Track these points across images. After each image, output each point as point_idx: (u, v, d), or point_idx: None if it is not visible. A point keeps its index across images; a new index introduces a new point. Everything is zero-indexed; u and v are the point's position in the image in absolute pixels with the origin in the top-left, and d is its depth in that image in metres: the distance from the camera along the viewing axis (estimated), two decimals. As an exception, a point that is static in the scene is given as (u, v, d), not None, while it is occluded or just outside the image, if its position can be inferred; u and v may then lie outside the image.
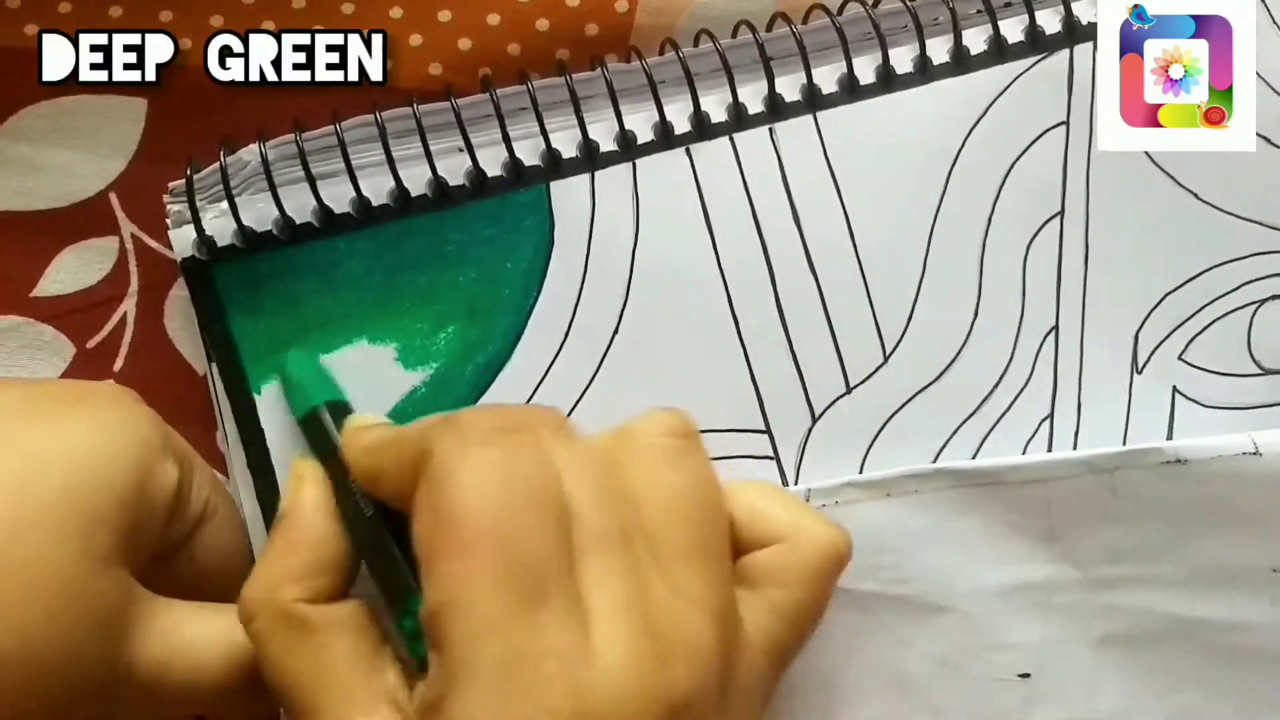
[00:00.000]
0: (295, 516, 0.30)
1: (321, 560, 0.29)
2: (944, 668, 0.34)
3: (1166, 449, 0.32)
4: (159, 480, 0.30)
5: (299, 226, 0.34)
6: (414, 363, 0.34)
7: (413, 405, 0.34)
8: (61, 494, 0.28)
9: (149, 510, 0.30)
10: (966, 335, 0.34)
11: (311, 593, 0.29)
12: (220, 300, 0.34)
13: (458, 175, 0.34)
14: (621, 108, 0.34)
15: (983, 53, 0.34)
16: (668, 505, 0.27)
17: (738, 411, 0.34)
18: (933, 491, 0.33)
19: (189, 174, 0.34)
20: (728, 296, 0.34)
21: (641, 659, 0.25)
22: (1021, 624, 0.34)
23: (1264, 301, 0.35)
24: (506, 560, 0.25)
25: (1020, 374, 0.35)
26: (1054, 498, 0.33)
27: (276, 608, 0.28)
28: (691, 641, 0.26)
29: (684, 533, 0.27)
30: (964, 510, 0.33)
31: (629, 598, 0.25)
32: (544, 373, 0.34)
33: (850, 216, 0.34)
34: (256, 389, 0.34)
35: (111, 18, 0.36)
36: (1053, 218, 0.34)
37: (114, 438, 0.30)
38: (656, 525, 0.27)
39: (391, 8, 0.36)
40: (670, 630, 0.25)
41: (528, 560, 0.25)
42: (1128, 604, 0.34)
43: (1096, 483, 0.33)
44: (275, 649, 0.28)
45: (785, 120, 0.34)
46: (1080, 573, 0.34)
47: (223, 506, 0.34)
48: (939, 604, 0.30)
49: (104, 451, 0.29)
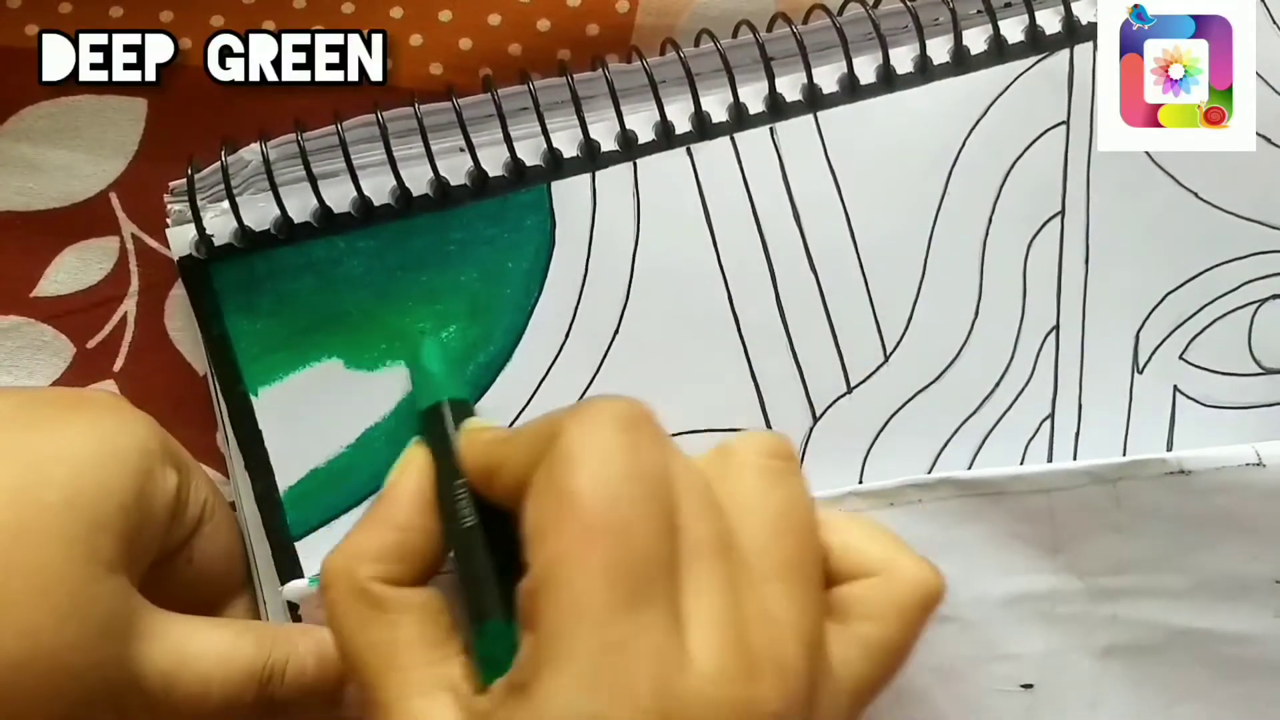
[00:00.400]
0: (391, 498, 0.30)
1: (404, 546, 0.29)
2: (946, 677, 0.34)
3: (1170, 460, 0.32)
4: (159, 485, 0.30)
5: (299, 226, 0.34)
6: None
7: (412, 406, 0.34)
8: (65, 499, 0.28)
9: (150, 515, 0.30)
10: (967, 335, 0.34)
11: (389, 574, 0.28)
12: (217, 300, 0.34)
13: (459, 175, 0.34)
14: (622, 108, 0.34)
15: (983, 53, 0.34)
16: (764, 525, 0.27)
17: (738, 411, 0.34)
18: (936, 501, 0.33)
19: (190, 173, 0.34)
20: (728, 296, 0.34)
21: (733, 672, 0.24)
22: (1024, 634, 0.34)
23: (1265, 301, 0.35)
24: (620, 551, 0.24)
25: (1021, 374, 0.35)
26: (1057, 508, 0.33)
27: (353, 581, 0.28)
28: (783, 662, 0.25)
29: (778, 554, 0.27)
30: (967, 520, 0.33)
31: (726, 610, 0.25)
32: (545, 372, 0.34)
33: (851, 216, 0.34)
34: (254, 390, 0.34)
35: (111, 18, 0.36)
36: (1053, 217, 0.34)
37: (114, 443, 0.30)
38: (752, 544, 0.27)
39: (392, 8, 0.36)
40: (763, 648, 0.25)
41: (639, 555, 0.24)
42: (1131, 615, 0.34)
43: (1100, 493, 0.33)
44: (347, 621, 0.28)
45: (786, 120, 0.34)
46: (1083, 583, 0.33)
47: (219, 509, 0.34)
48: (941, 613, 0.30)
49: (105, 457, 0.29)
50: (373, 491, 0.34)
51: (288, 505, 0.34)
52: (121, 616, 0.28)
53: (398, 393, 0.34)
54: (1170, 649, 0.34)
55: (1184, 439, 0.35)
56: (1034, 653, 0.34)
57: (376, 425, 0.34)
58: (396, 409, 0.34)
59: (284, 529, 0.34)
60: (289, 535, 0.34)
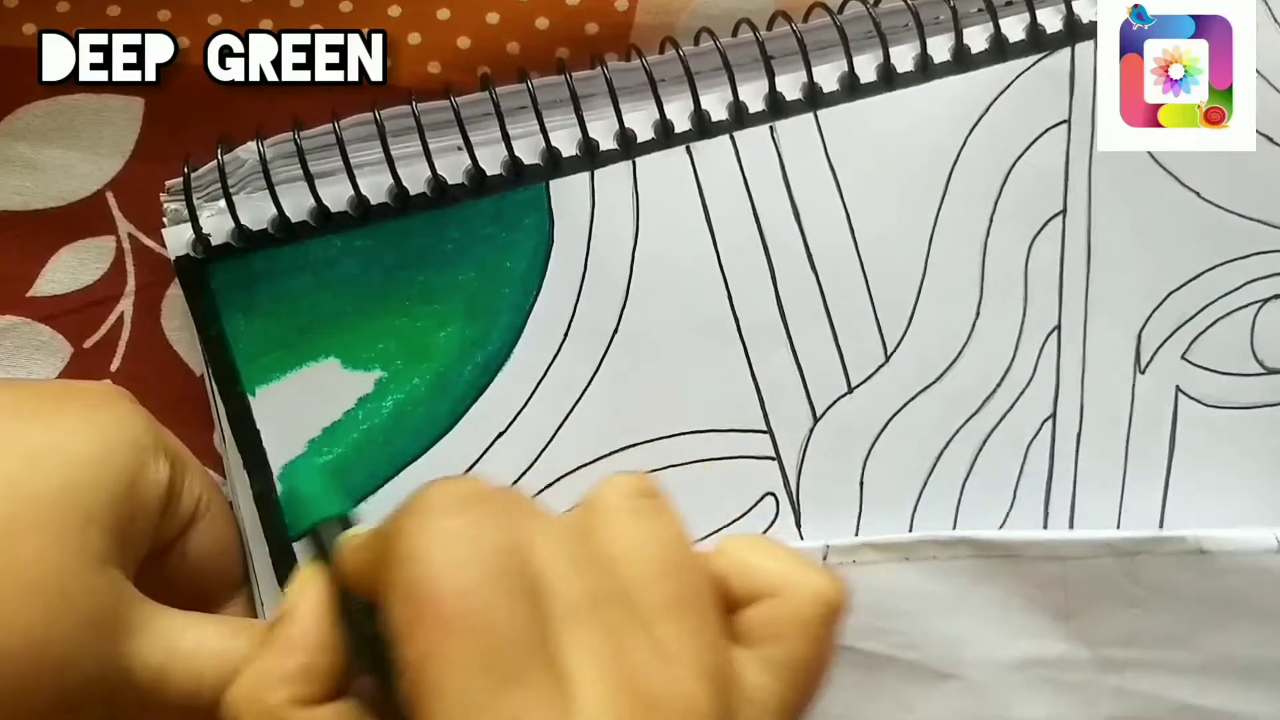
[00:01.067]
0: (292, 620, 0.29)
1: (312, 668, 0.28)
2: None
3: (1189, 539, 0.32)
4: (151, 478, 0.30)
5: (296, 225, 0.34)
6: (413, 362, 0.34)
7: (412, 404, 0.34)
8: (56, 492, 0.28)
9: (141, 509, 0.30)
10: (968, 334, 0.34)
11: (300, 696, 0.28)
12: (214, 299, 0.34)
13: (457, 174, 0.34)
14: (621, 106, 0.34)
15: (984, 51, 0.34)
16: (642, 564, 0.26)
17: (738, 411, 0.34)
18: (950, 559, 0.33)
19: (186, 172, 0.34)
20: (728, 295, 0.34)
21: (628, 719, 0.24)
22: (1029, 698, 0.33)
23: (1267, 301, 0.34)
24: (480, 638, 0.24)
25: (1023, 373, 0.34)
26: (1071, 576, 0.33)
27: (263, 708, 0.27)
28: (684, 700, 0.25)
29: (662, 590, 0.26)
30: (981, 580, 0.33)
31: (611, 664, 0.24)
32: (544, 372, 0.34)
33: (851, 215, 0.34)
34: (251, 390, 0.34)
35: (110, 17, 0.36)
36: (1055, 216, 0.34)
37: (106, 436, 0.29)
38: (634, 586, 0.26)
39: (390, 7, 0.36)
40: (658, 692, 0.24)
41: (500, 636, 0.24)
42: (1137, 687, 0.33)
43: (1116, 566, 0.33)
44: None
45: (786, 119, 0.34)
46: (1092, 652, 0.33)
47: (216, 505, 0.34)
48: (947, 671, 0.30)
49: (97, 449, 0.29)
50: (372, 492, 0.34)
51: (285, 505, 0.34)
52: (113, 610, 0.28)
53: (397, 393, 0.34)
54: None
55: (1186, 439, 0.35)
56: (1038, 718, 0.33)
57: (374, 425, 0.34)
58: (394, 408, 0.34)
59: (282, 529, 0.34)
60: (287, 535, 0.34)
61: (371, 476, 0.34)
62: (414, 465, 0.34)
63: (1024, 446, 0.34)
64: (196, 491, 0.33)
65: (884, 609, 0.33)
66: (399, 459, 0.34)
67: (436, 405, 0.34)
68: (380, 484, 0.34)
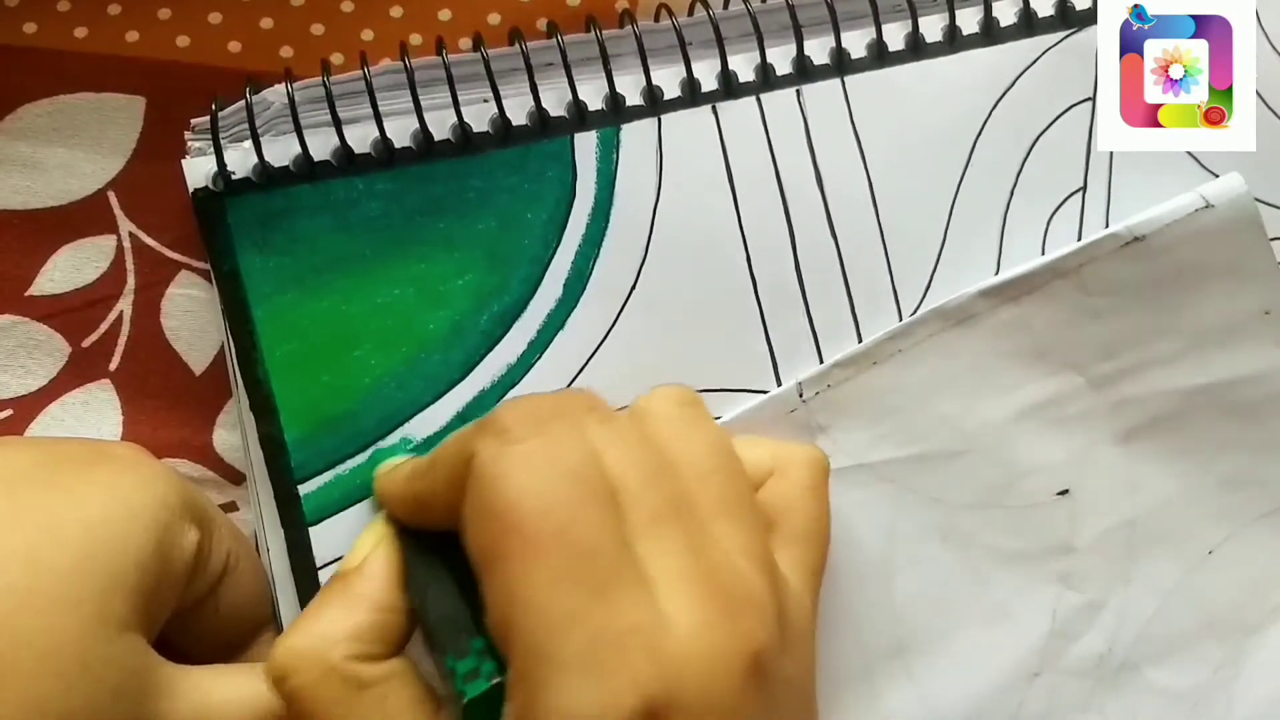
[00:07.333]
0: (366, 576, 0.29)
1: (384, 627, 0.28)
2: (983, 510, 0.33)
3: (1122, 231, 0.33)
4: (178, 542, 0.30)
5: (319, 164, 0.34)
6: (429, 308, 0.34)
7: (426, 351, 0.34)
8: (75, 561, 0.27)
9: (168, 573, 0.29)
10: (985, 305, 0.34)
11: (366, 653, 0.28)
12: (229, 235, 0.34)
13: (482, 122, 0.34)
14: (650, 64, 0.34)
15: (1012, 25, 0.34)
16: (696, 467, 0.28)
17: (751, 372, 0.34)
18: (914, 346, 0.33)
19: (214, 109, 0.34)
20: (747, 256, 0.34)
21: (714, 618, 0.25)
22: (1042, 445, 0.33)
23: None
24: (568, 552, 0.25)
25: (1038, 345, 0.34)
26: (1030, 315, 0.33)
27: (326, 664, 0.27)
28: (751, 591, 0.26)
29: (718, 491, 0.27)
30: (949, 354, 0.33)
31: (690, 563, 0.26)
32: (559, 326, 0.34)
33: (873, 182, 0.34)
34: (262, 333, 0.34)
35: (109, 15, 0.36)
36: (1075, 193, 0.34)
37: (131, 502, 0.29)
38: (694, 489, 0.27)
39: (392, 7, 0.36)
40: (732, 586, 0.26)
41: (588, 548, 0.25)
42: (1137, 392, 0.33)
43: (1065, 285, 0.33)
44: (325, 705, 0.27)
45: (813, 83, 0.34)
46: (1082, 378, 0.33)
47: (244, 559, 0.33)
48: (955, 449, 0.30)
49: (121, 516, 0.29)
50: (382, 437, 0.34)
51: (292, 448, 0.34)
52: (136, 676, 0.28)
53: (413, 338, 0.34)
54: (1187, 412, 0.33)
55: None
56: (1058, 459, 0.33)
57: (389, 372, 0.34)
58: (412, 355, 0.34)
59: (292, 485, 0.34)
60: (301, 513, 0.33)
61: (383, 423, 0.34)
62: (425, 411, 0.34)
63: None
64: (224, 548, 0.32)
65: (874, 417, 0.33)
66: (411, 406, 0.34)
67: (451, 353, 0.34)
68: (391, 430, 0.34)
